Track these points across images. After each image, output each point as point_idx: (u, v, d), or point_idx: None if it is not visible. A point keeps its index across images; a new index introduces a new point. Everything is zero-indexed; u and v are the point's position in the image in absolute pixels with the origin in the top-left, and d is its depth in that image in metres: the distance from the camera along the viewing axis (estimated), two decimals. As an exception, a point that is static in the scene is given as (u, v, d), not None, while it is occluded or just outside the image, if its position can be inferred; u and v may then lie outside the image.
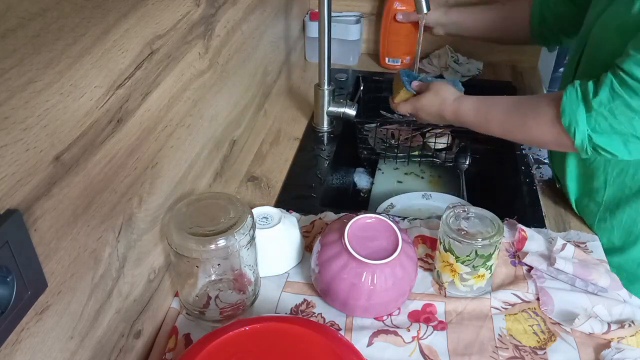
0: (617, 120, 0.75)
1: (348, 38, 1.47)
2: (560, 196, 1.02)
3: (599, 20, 0.83)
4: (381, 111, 1.47)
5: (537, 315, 0.79)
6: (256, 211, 0.86)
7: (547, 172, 1.09)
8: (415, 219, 0.97)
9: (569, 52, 0.99)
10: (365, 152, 1.41)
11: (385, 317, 0.79)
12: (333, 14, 1.18)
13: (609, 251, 0.90)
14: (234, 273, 0.80)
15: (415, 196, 1.20)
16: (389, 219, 0.78)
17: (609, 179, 0.88)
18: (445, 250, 0.79)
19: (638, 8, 0.74)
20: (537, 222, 0.96)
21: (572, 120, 0.78)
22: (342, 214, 0.90)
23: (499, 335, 0.76)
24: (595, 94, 0.76)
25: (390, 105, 1.11)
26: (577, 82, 0.79)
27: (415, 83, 1.06)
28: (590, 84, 0.77)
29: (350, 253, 0.73)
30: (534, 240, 0.89)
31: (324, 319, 0.79)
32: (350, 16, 1.49)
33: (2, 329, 0.45)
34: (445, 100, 0.98)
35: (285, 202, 1.02)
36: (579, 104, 0.77)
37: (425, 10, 1.02)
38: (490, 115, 0.92)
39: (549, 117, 0.81)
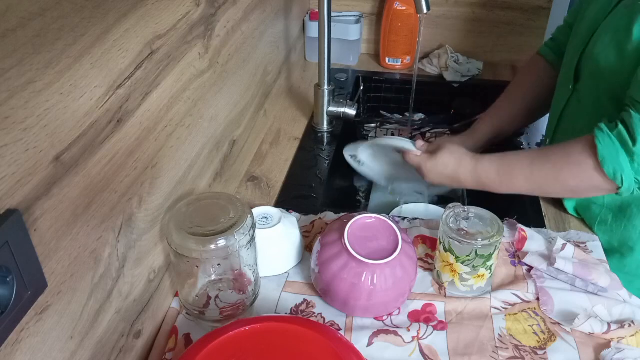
0: None
1: (348, 38, 1.47)
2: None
3: (596, 33, 0.84)
4: (381, 111, 1.47)
5: (537, 315, 0.79)
6: (256, 211, 0.86)
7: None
8: (415, 219, 0.97)
9: (565, 56, 0.98)
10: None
11: (385, 317, 0.79)
12: (333, 14, 1.18)
13: (608, 252, 0.90)
14: (234, 273, 0.80)
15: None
16: (389, 219, 0.78)
17: None
18: (445, 250, 0.79)
19: (638, 26, 0.75)
20: (537, 222, 0.96)
21: (617, 168, 0.77)
22: (342, 214, 0.90)
23: (499, 335, 0.76)
24: (634, 140, 0.75)
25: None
26: (604, 127, 0.78)
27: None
28: (622, 129, 0.76)
29: (350, 253, 0.73)
30: (534, 240, 0.89)
31: (324, 319, 0.79)
32: (350, 16, 1.50)
33: (2, 329, 0.45)
34: (462, 160, 0.91)
35: (285, 202, 1.02)
36: (619, 151, 0.77)
37: (425, 10, 1.02)
38: (516, 172, 0.87)
39: (587, 167, 0.79)
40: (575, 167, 0.81)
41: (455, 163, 0.91)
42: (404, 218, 0.98)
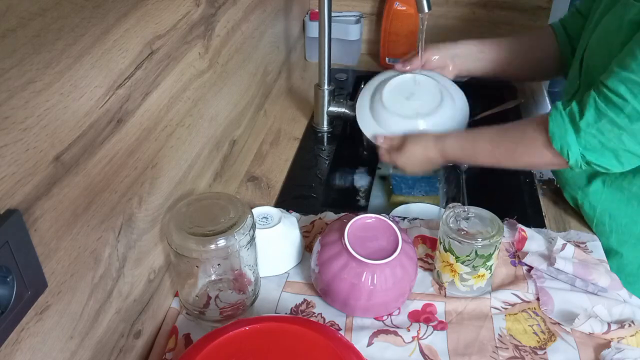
0: (606, 137, 0.76)
1: (348, 38, 1.47)
2: (560, 196, 1.01)
3: (596, 29, 0.84)
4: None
5: (537, 315, 0.79)
6: (256, 211, 0.86)
7: (547, 172, 1.09)
8: (415, 219, 0.97)
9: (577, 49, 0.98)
10: (365, 152, 1.41)
11: (385, 317, 0.79)
12: (333, 14, 1.18)
13: (607, 252, 0.90)
14: (234, 273, 0.80)
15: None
16: (389, 219, 0.78)
17: (606, 180, 0.89)
18: (445, 250, 0.79)
19: (625, 25, 0.75)
20: (537, 222, 0.96)
21: (563, 144, 0.79)
22: (342, 214, 0.90)
23: (499, 335, 0.76)
24: (582, 115, 0.77)
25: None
26: (559, 105, 0.81)
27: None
28: (575, 106, 0.78)
29: (350, 253, 0.73)
30: (534, 240, 0.89)
31: (324, 319, 0.79)
32: (350, 16, 1.49)
33: (2, 329, 0.45)
34: (427, 145, 0.96)
35: (285, 202, 1.02)
36: (567, 127, 0.78)
37: (426, 10, 1.02)
38: (477, 149, 0.92)
39: (539, 143, 0.82)
40: (529, 144, 0.84)
41: (422, 150, 0.97)
42: (404, 218, 0.98)
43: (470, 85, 1.43)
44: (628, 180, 0.86)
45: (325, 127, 1.24)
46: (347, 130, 1.29)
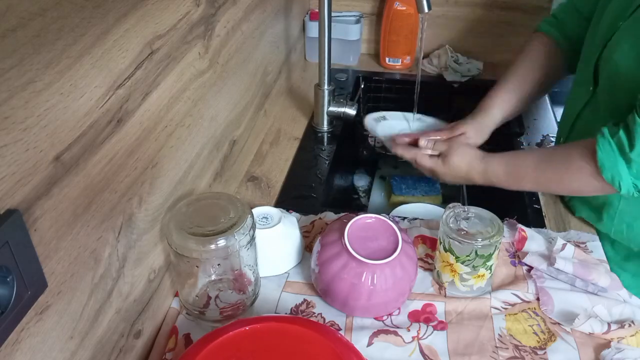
0: None
1: (348, 38, 1.47)
2: (560, 196, 1.02)
3: (615, 35, 0.83)
4: (381, 111, 1.46)
5: (537, 315, 0.79)
6: (256, 211, 0.86)
7: (547, 172, 1.09)
8: (415, 219, 0.97)
9: (583, 52, 0.96)
10: (365, 152, 1.41)
11: (385, 317, 0.79)
12: (333, 14, 1.18)
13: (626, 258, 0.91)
14: (234, 273, 0.80)
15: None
16: (389, 219, 0.78)
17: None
18: (445, 250, 0.79)
19: None
20: (537, 222, 0.97)
21: (614, 174, 0.78)
22: (342, 214, 0.90)
23: (499, 335, 0.76)
24: (632, 146, 0.76)
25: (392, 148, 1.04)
26: (606, 132, 0.79)
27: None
28: (623, 135, 0.77)
29: (350, 253, 0.73)
30: (534, 240, 0.89)
31: (324, 319, 0.79)
32: (350, 16, 1.49)
33: (2, 329, 0.45)
34: (472, 164, 0.94)
35: (285, 202, 1.02)
36: (617, 157, 0.77)
37: (426, 10, 1.02)
38: (522, 174, 0.90)
39: (587, 173, 0.81)
40: (576, 173, 0.83)
41: (466, 167, 0.95)
42: (404, 218, 0.98)
43: (470, 86, 1.44)
44: None
45: (325, 127, 1.24)
46: (347, 130, 1.29)
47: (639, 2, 0.81)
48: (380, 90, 1.47)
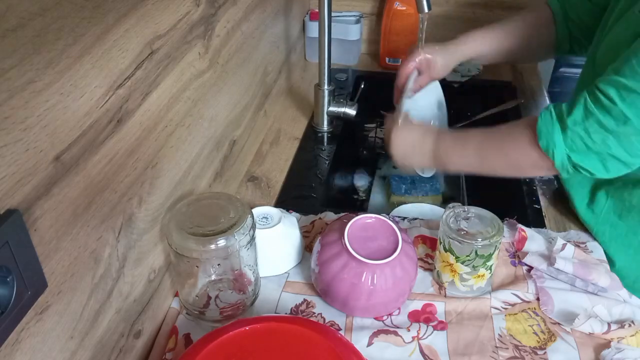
0: (592, 139, 0.74)
1: (348, 38, 1.47)
2: (560, 196, 1.01)
3: (609, 34, 0.83)
4: (381, 111, 1.46)
5: (537, 315, 0.79)
6: (256, 211, 0.86)
7: (547, 172, 1.09)
8: (415, 219, 0.97)
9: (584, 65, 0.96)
10: (365, 152, 1.41)
11: (385, 317, 0.79)
12: (333, 14, 1.18)
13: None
14: (234, 273, 0.80)
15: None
16: (389, 219, 0.78)
17: (610, 190, 0.88)
18: (445, 250, 0.79)
19: (629, 38, 0.74)
20: (537, 222, 0.97)
21: (549, 142, 0.78)
22: (342, 214, 0.90)
23: (499, 335, 0.76)
24: (570, 112, 0.76)
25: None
26: (551, 105, 0.80)
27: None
28: (565, 105, 0.77)
29: (350, 253, 0.73)
30: (534, 240, 0.89)
31: (324, 319, 0.79)
32: (350, 16, 1.49)
33: (2, 329, 0.45)
34: (428, 130, 0.96)
35: (285, 202, 1.02)
36: (554, 124, 0.77)
37: (426, 10, 1.02)
38: (468, 144, 0.91)
39: (526, 141, 0.81)
40: (516, 141, 0.83)
41: (420, 132, 0.95)
42: (404, 218, 0.98)
43: (470, 86, 1.44)
44: (628, 192, 0.85)
45: (325, 127, 1.24)
46: (347, 130, 1.29)
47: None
48: (380, 91, 1.47)
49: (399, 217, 0.98)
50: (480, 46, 1.06)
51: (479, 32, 1.06)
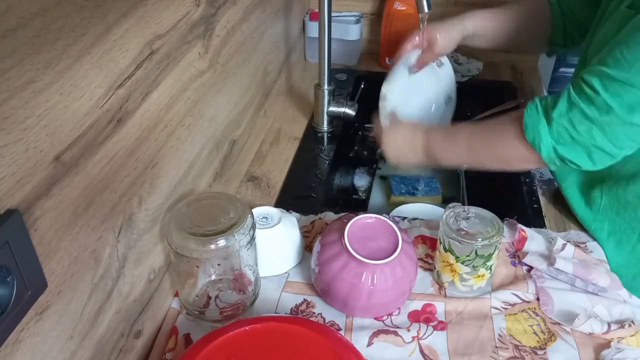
0: (577, 130, 0.75)
1: (348, 38, 1.47)
2: (560, 196, 1.01)
3: (599, 31, 0.83)
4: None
5: (537, 315, 0.79)
6: (256, 211, 0.86)
7: (547, 172, 1.09)
8: (415, 219, 0.97)
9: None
10: (365, 152, 1.41)
11: (385, 317, 0.79)
12: (333, 14, 1.18)
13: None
14: (234, 273, 0.80)
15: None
16: (389, 219, 0.78)
17: (604, 188, 0.88)
18: (445, 250, 0.79)
19: (617, 28, 0.75)
20: (537, 222, 0.96)
21: (535, 135, 0.78)
22: (342, 214, 0.90)
23: (499, 335, 0.76)
24: (555, 105, 0.76)
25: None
26: (537, 98, 0.80)
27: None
28: (551, 98, 0.78)
29: (350, 253, 0.73)
30: (534, 240, 0.89)
31: (324, 319, 0.79)
32: (350, 16, 1.49)
33: (2, 329, 0.45)
34: (416, 129, 0.96)
35: (285, 202, 1.02)
36: (540, 117, 0.78)
37: (426, 10, 1.02)
38: (458, 138, 0.91)
39: (513, 135, 0.81)
40: (503, 134, 0.83)
41: (410, 130, 0.96)
42: (404, 218, 0.98)
43: (470, 86, 1.44)
44: (622, 188, 0.85)
45: (325, 127, 1.24)
46: (347, 130, 1.29)
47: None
48: (380, 91, 1.47)
49: (399, 217, 0.98)
50: (483, 22, 1.06)
51: (481, 10, 1.08)
